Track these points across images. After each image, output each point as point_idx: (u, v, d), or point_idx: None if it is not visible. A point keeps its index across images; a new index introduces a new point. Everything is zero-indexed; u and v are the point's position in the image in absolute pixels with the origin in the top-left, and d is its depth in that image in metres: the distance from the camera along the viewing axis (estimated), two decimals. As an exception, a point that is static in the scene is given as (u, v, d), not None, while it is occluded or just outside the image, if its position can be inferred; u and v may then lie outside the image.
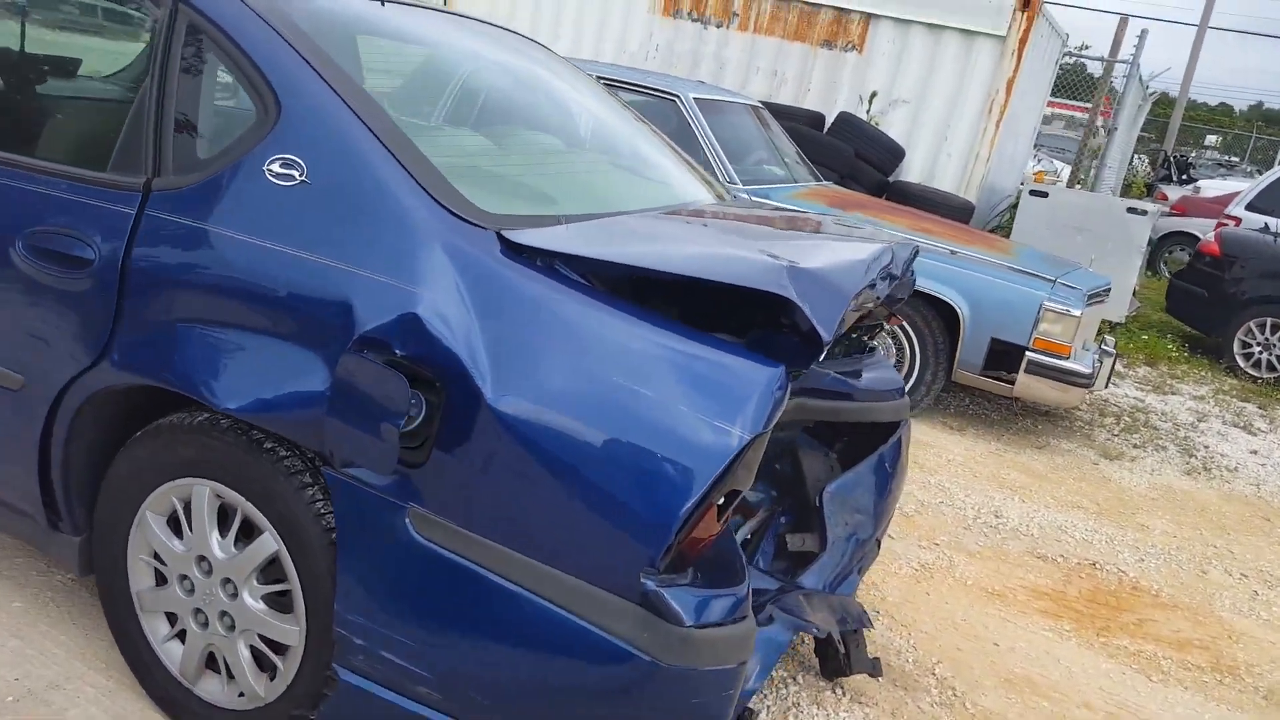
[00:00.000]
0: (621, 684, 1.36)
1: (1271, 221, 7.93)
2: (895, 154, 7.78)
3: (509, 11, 9.55)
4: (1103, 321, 6.68)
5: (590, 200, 2.09)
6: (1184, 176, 15.28)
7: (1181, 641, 2.93)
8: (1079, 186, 9.49)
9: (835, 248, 1.85)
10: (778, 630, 1.85)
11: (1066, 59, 10.94)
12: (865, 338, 2.65)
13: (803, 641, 2.45)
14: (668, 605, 1.34)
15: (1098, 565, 3.35)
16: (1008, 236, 7.62)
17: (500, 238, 1.51)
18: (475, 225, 1.52)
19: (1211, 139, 35.03)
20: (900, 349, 4.47)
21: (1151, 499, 4.12)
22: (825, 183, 5.58)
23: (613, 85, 5.12)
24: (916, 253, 2.29)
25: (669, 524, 1.32)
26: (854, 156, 7.56)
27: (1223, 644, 2.97)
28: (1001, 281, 4.27)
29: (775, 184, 4.96)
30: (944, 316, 4.36)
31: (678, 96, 4.93)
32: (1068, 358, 4.18)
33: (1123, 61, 9.91)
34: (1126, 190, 14.40)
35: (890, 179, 7.83)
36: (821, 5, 8.23)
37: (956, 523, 3.45)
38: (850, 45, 8.21)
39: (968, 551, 3.23)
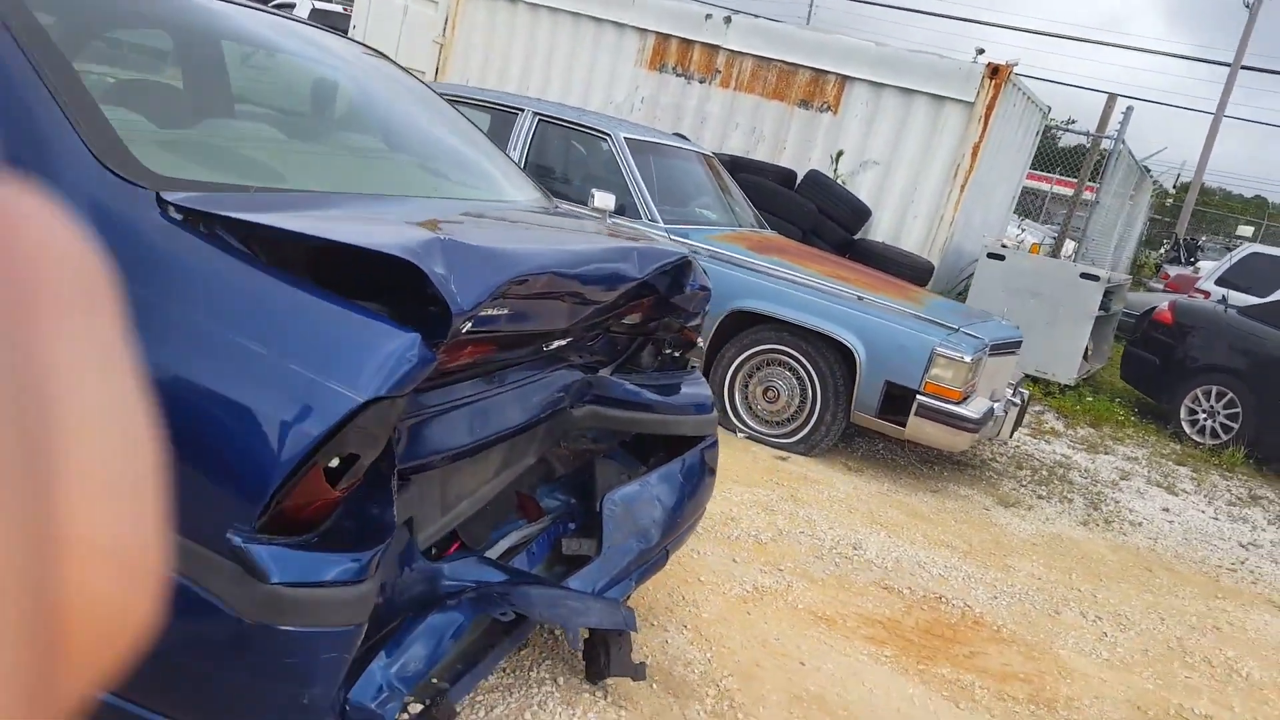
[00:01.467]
0: (213, 639, 1.40)
1: (1234, 294, 8.01)
2: (861, 213, 7.98)
3: (502, 64, 9.95)
4: (1028, 376, 6.74)
5: (327, 181, 2.24)
6: (1190, 259, 15.37)
7: (1006, 674, 3.00)
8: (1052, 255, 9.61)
9: (529, 237, 1.99)
10: (451, 616, 1.88)
11: (1062, 133, 11.16)
12: (681, 354, 2.80)
13: (555, 638, 2.56)
14: (252, 560, 1.36)
15: (944, 599, 3.43)
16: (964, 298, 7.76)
17: (159, 199, 1.52)
18: (132, 184, 1.52)
19: (1245, 230, 35.02)
20: (802, 389, 4.61)
21: (1032, 544, 4.19)
22: (762, 230, 5.78)
23: (550, 121, 5.39)
24: (688, 265, 2.44)
25: (265, 482, 1.36)
26: (819, 214, 7.78)
27: (1050, 679, 3.03)
28: (899, 327, 4.42)
29: (699, 225, 5.17)
30: (844, 359, 4.50)
31: (609, 135, 5.18)
32: (958, 403, 4.30)
33: (1108, 137, 10.10)
34: (1138, 270, 14.50)
35: (855, 237, 8.02)
36: (800, 66, 8.54)
37: (809, 551, 3.55)
38: (826, 106, 8.48)
39: (810, 578, 3.33)
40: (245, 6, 2.51)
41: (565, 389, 2.40)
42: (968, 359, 4.26)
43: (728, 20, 9.00)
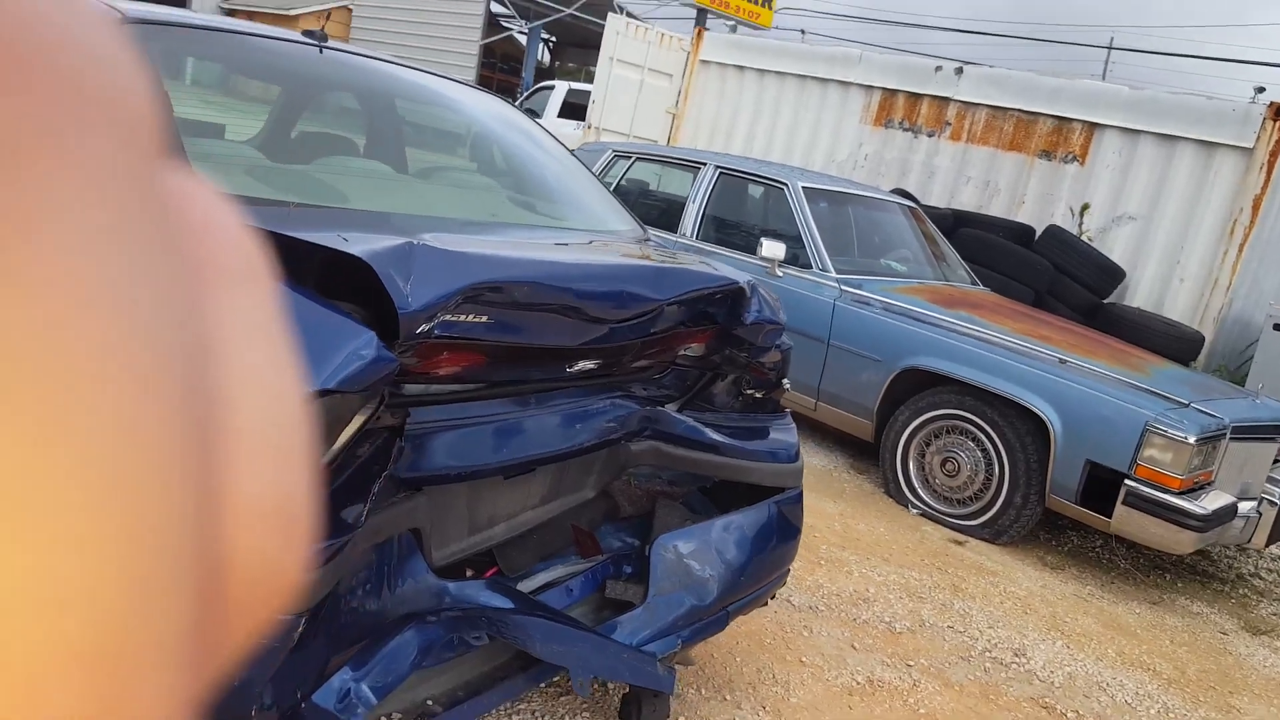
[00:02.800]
0: None
1: None
2: (1111, 274, 7.13)
3: (729, 128, 10.06)
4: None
5: (394, 204, 2.24)
6: None
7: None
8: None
9: (536, 250, 1.85)
10: (431, 633, 1.75)
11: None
12: (765, 395, 2.51)
13: (606, 689, 2.28)
14: None
15: (1124, 732, 2.78)
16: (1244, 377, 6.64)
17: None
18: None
19: None
20: (988, 464, 4.05)
21: (1277, 686, 3.34)
22: (968, 286, 5.26)
23: (730, 173, 5.27)
24: (741, 293, 2.18)
25: None
26: (1057, 273, 7.04)
27: None
28: (1106, 396, 3.76)
29: (880, 276, 4.78)
30: (1039, 432, 3.91)
31: (785, 184, 4.96)
32: (1179, 493, 3.57)
33: None
34: None
35: (1105, 301, 7.15)
36: (1040, 114, 7.88)
37: (954, 650, 3.02)
38: (1071, 156, 7.74)
39: (945, 681, 2.82)
40: (368, 58, 2.68)
41: (620, 420, 2.21)
42: (1192, 440, 3.53)
43: (959, 71, 8.53)
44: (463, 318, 1.61)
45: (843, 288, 4.54)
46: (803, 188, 4.93)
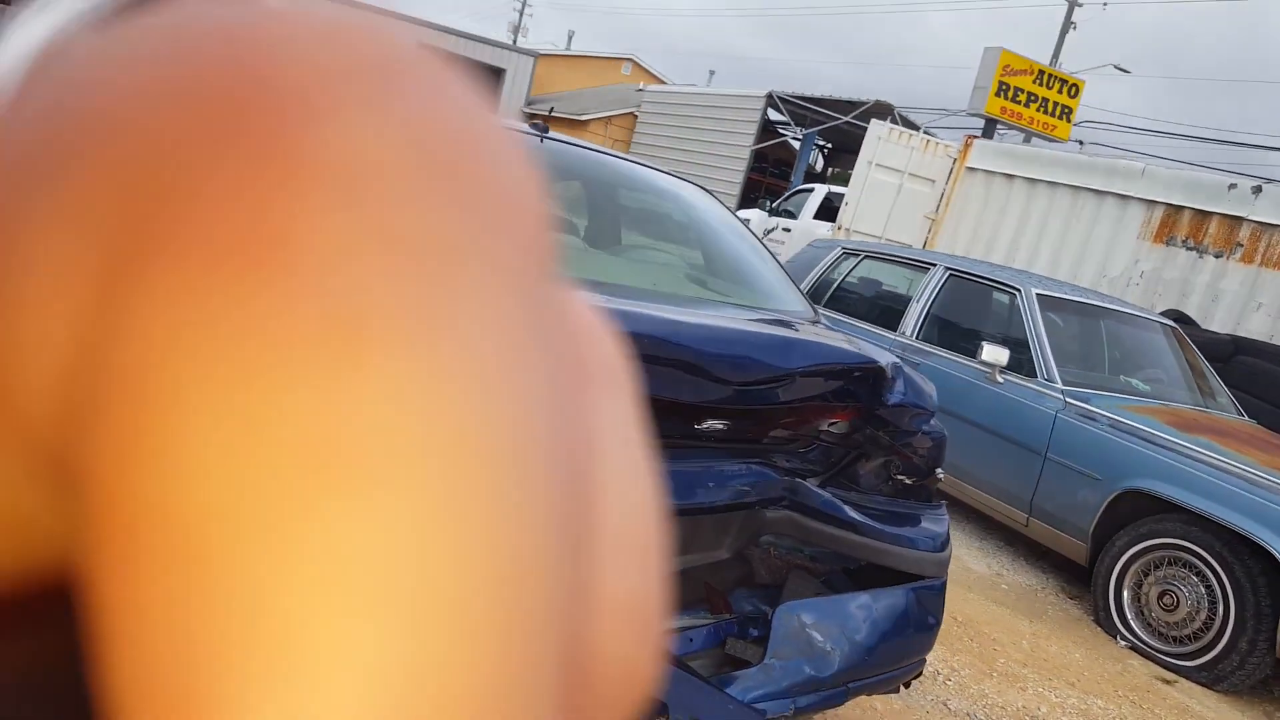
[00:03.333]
0: None
1: None
2: None
3: (990, 236, 9.93)
4: None
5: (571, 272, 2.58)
6: None
7: None
8: None
9: (669, 313, 2.10)
10: None
11: None
12: (915, 481, 2.57)
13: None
14: None
15: None
16: None
17: None
18: None
19: None
20: (1211, 601, 3.75)
21: None
22: (1229, 416, 4.89)
23: (959, 275, 5.30)
24: (881, 373, 2.30)
25: None
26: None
27: None
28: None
29: (1115, 393, 4.57)
30: (1271, 571, 3.59)
31: (1018, 290, 4.92)
32: None
33: None
34: None
35: None
36: (1352, 237, 7.16)
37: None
38: (1382, 286, 6.95)
39: (1106, 811, 2.67)
40: (581, 148, 3.11)
41: (755, 486, 2.39)
42: None
43: (1257, 190, 7.95)
44: None
45: (1067, 400, 4.41)
46: (1037, 294, 4.86)
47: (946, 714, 2.98)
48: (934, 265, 5.48)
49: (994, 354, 4.61)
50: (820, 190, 14.64)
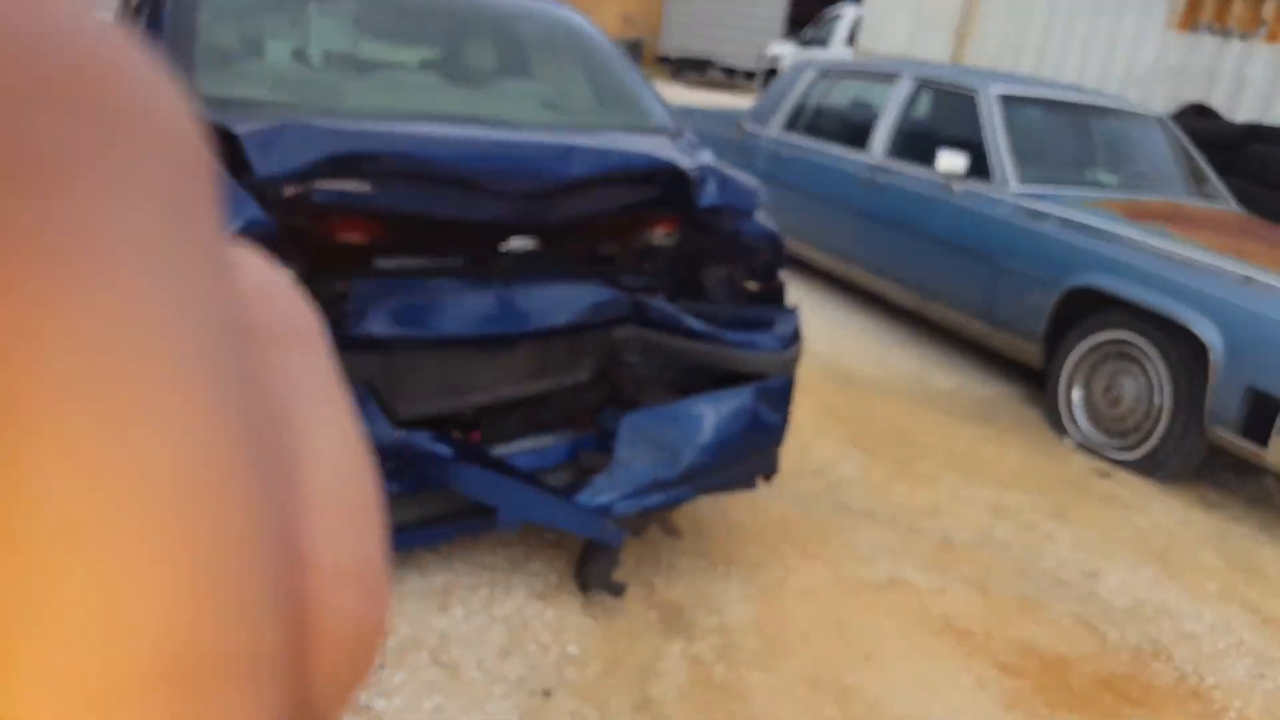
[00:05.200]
0: None
1: None
2: None
3: (1018, 42, 9.49)
4: None
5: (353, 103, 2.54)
6: None
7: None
8: None
9: (431, 128, 2.18)
10: None
11: None
12: (764, 288, 2.64)
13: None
14: None
15: (1164, 657, 2.63)
16: None
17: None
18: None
19: None
20: (1151, 391, 3.77)
21: None
22: (1185, 202, 4.74)
23: (925, 84, 5.17)
24: (682, 176, 2.33)
25: None
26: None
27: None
28: (1273, 316, 3.37)
29: (1075, 188, 4.47)
30: (1200, 355, 3.58)
31: (976, 91, 4.79)
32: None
33: None
34: None
35: None
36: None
37: (1014, 567, 2.97)
38: None
39: (984, 591, 2.82)
40: None
41: (598, 306, 2.49)
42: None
43: (1288, -42, 7.35)
44: (344, 186, 1.97)
45: (1019, 202, 4.35)
46: (998, 94, 4.73)
47: (845, 513, 3.14)
48: (900, 76, 5.33)
49: (950, 162, 4.54)
50: (850, 13, 14.00)
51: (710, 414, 2.46)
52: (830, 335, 4.96)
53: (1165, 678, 2.57)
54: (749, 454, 2.53)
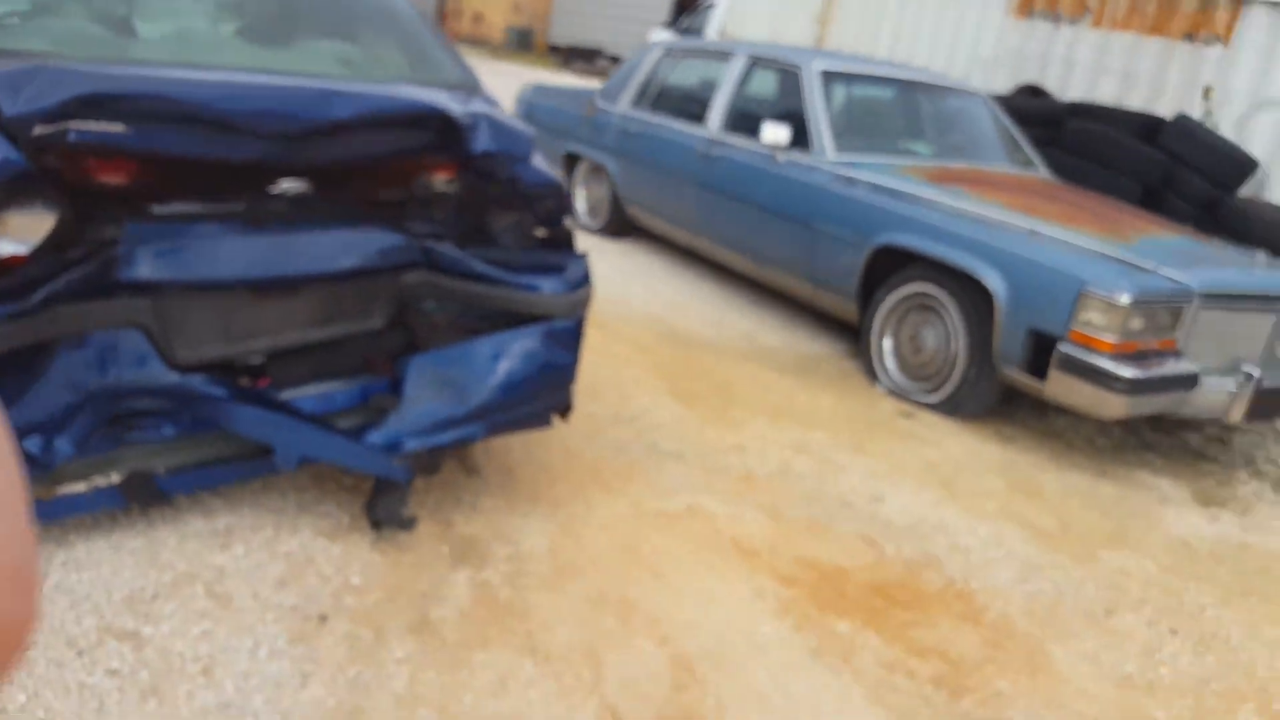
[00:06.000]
0: None
1: None
2: (1239, 165, 6.51)
3: (873, 31, 9.89)
4: None
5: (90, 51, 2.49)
6: None
7: (943, 656, 2.48)
8: None
9: (182, 74, 2.27)
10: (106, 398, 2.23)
11: None
12: (550, 234, 2.78)
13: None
14: None
15: (935, 566, 2.89)
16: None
17: None
18: None
19: None
20: (949, 338, 4.07)
21: (1186, 546, 3.23)
22: (991, 168, 5.10)
23: (756, 60, 5.41)
24: (449, 122, 2.43)
25: None
26: (1174, 165, 6.51)
27: (1010, 676, 2.44)
28: (1047, 263, 3.69)
29: (885, 156, 4.77)
30: (987, 302, 3.89)
31: (799, 68, 5.05)
32: (1110, 356, 3.47)
33: None
34: None
35: (1234, 194, 6.52)
36: (1187, -13, 7.19)
37: (804, 495, 3.20)
38: (1214, 37, 7.03)
39: (774, 516, 3.03)
40: None
41: (384, 251, 2.58)
42: (1125, 301, 3.42)
43: (1106, -54, 7.88)
44: (97, 126, 2.02)
45: (833, 169, 4.62)
46: (819, 70, 5.00)
47: (654, 454, 3.32)
48: (734, 54, 5.58)
49: (774, 134, 4.78)
50: (725, 2, 14.31)
51: (497, 354, 2.59)
52: (672, 301, 5.16)
53: (934, 584, 2.82)
54: (539, 392, 2.67)
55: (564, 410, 2.81)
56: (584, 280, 2.73)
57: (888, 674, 2.37)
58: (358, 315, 2.67)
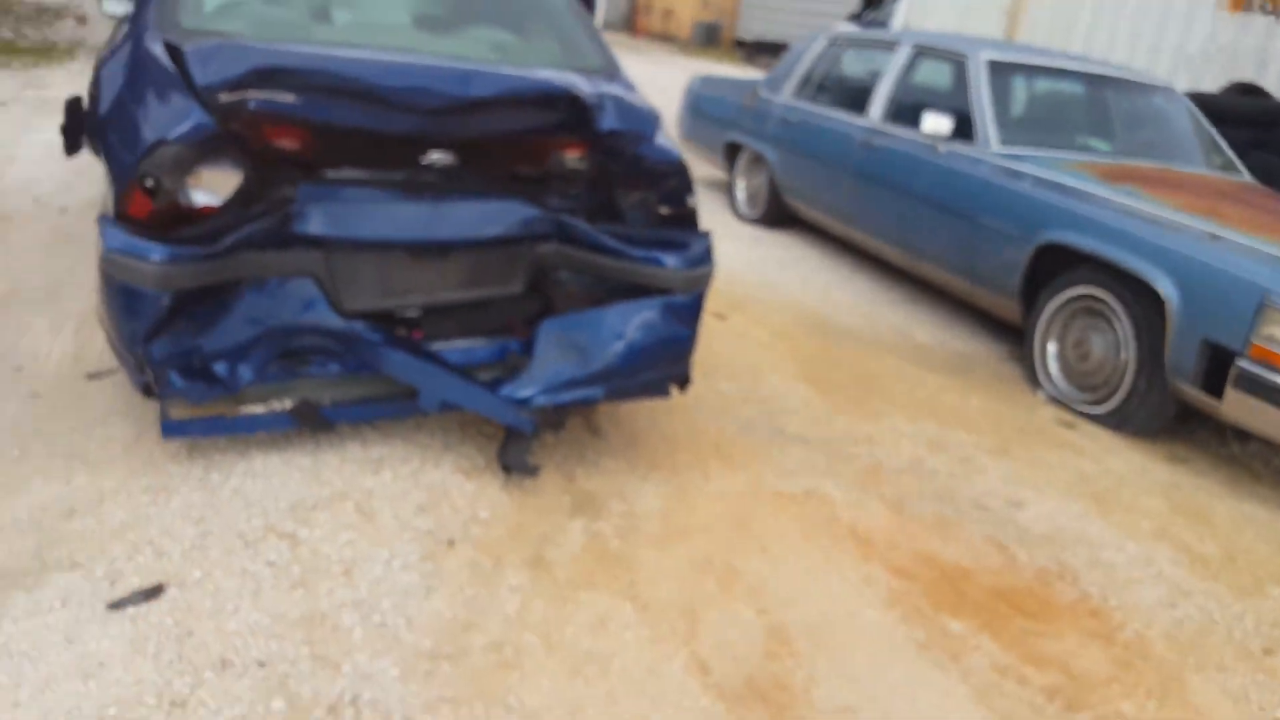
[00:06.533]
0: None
1: None
2: None
3: (1069, 21, 9.46)
4: None
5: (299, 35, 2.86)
6: None
7: (1069, 671, 2.36)
8: None
9: (356, 54, 2.55)
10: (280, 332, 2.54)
11: None
12: (676, 211, 2.83)
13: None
14: (100, 232, 2.26)
15: (1071, 579, 2.74)
16: None
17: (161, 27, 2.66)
18: (165, 28, 2.68)
19: None
20: (1118, 346, 3.83)
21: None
22: (1180, 168, 4.75)
23: (922, 50, 5.28)
24: (579, 101, 2.60)
25: (117, 188, 2.28)
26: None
27: (1121, 691, 2.30)
28: (1227, 268, 3.41)
29: (1055, 151, 4.54)
30: (1160, 309, 3.64)
31: (967, 56, 4.88)
32: (1297, 373, 3.18)
33: None
34: None
35: None
36: None
37: (935, 491, 3.10)
38: None
39: (899, 511, 2.95)
40: None
41: (522, 222, 2.76)
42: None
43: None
44: (276, 96, 2.33)
45: (997, 161, 4.44)
46: (986, 60, 4.82)
47: (781, 436, 3.31)
48: (900, 43, 5.44)
49: (935, 124, 4.65)
50: (907, -1, 13.93)
51: (618, 322, 2.70)
52: (824, 292, 5.10)
53: (1067, 596, 2.69)
54: (656, 362, 2.75)
55: (682, 382, 2.87)
56: (705, 258, 2.79)
57: (998, 678, 2.28)
58: (499, 280, 2.86)
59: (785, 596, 2.44)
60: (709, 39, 28.41)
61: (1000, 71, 4.80)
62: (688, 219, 2.87)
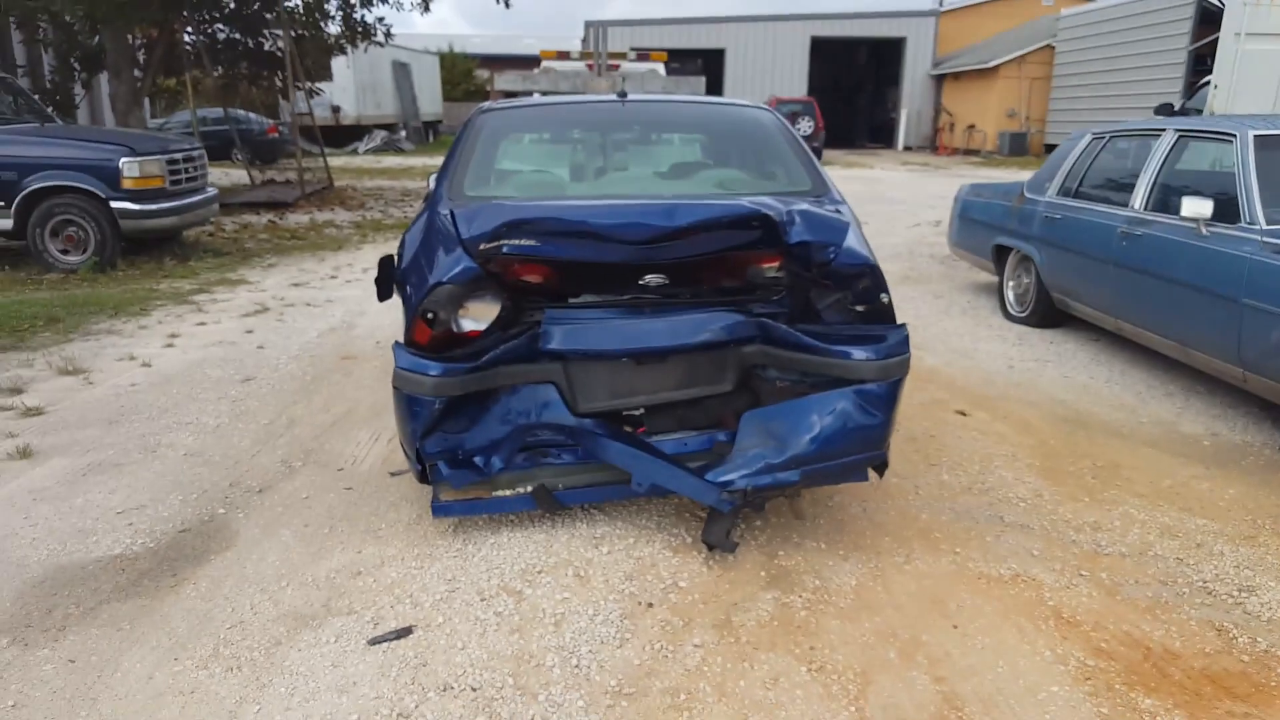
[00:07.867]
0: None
1: None
2: None
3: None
4: None
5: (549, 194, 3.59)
6: None
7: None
8: None
9: (583, 203, 3.14)
10: (518, 426, 3.11)
11: None
12: (866, 309, 3.09)
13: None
14: (395, 355, 2.96)
15: (1301, 665, 2.55)
16: None
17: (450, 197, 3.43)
18: (453, 198, 3.46)
19: None
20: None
21: None
22: None
23: (1186, 135, 5.15)
24: (767, 220, 3.01)
25: (408, 321, 3.00)
26: None
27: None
28: None
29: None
30: None
31: (1234, 135, 4.72)
32: None
33: None
34: None
35: None
36: None
37: (1155, 575, 2.98)
38: None
39: (1115, 594, 2.89)
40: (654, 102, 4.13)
41: (728, 327, 3.16)
42: None
43: None
44: (521, 242, 2.95)
45: (1264, 238, 4.23)
46: (1254, 136, 4.63)
47: (997, 523, 3.36)
48: (1164, 131, 5.33)
49: (1196, 206, 4.53)
50: (1220, 79, 12.98)
51: (812, 411, 2.99)
52: (1085, 385, 5.00)
53: (1301, 685, 2.52)
54: (850, 447, 2.99)
55: (880, 466, 3.08)
56: (899, 349, 3.00)
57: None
58: (711, 379, 3.28)
59: (966, 667, 2.52)
60: (1015, 148, 28.12)
61: (1268, 146, 4.58)
62: (884, 314, 3.13)
